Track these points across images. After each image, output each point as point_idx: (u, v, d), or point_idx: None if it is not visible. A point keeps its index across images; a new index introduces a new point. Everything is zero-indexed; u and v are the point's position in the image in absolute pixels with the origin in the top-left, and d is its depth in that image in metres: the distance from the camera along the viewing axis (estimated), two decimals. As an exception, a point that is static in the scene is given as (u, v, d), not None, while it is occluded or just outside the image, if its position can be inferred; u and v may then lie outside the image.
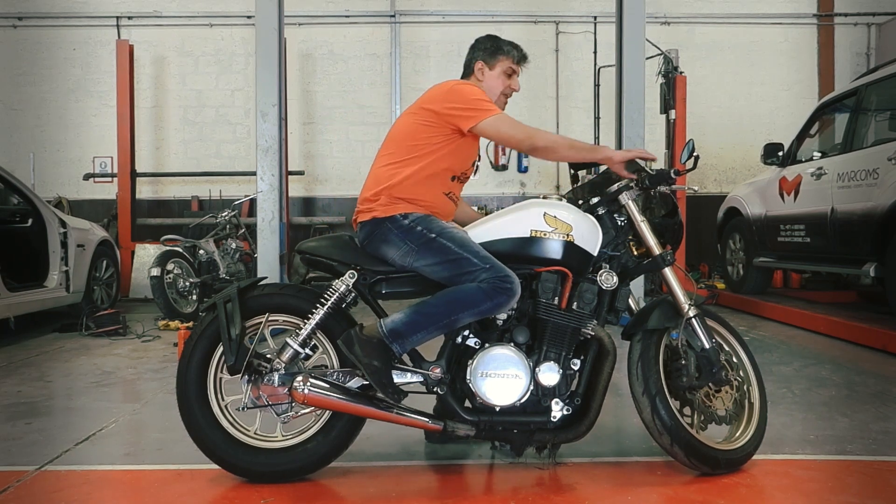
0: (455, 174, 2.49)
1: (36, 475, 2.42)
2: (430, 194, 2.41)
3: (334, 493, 2.27)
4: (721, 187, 9.24)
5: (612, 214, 2.48)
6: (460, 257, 2.26)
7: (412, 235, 2.32)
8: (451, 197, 2.51)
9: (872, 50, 9.53)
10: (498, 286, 2.21)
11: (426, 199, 2.40)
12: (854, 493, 2.23)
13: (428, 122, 2.40)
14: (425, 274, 2.33)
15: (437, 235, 2.30)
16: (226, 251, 6.81)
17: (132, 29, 9.24)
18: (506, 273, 2.23)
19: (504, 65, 2.61)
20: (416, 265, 2.32)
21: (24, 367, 4.29)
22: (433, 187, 2.42)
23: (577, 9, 9.28)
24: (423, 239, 2.30)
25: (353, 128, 9.36)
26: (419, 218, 2.35)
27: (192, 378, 2.32)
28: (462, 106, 2.36)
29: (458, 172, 2.50)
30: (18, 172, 7.70)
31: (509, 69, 2.61)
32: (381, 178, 2.42)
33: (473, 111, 2.35)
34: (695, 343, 2.41)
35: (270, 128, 5.47)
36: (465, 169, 2.53)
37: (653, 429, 2.31)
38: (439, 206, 2.45)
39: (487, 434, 2.31)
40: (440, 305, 2.23)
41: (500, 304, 2.22)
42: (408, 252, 2.32)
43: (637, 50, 5.60)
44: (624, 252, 2.48)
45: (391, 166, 2.42)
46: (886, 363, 4.21)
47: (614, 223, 2.47)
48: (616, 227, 2.47)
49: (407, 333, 2.22)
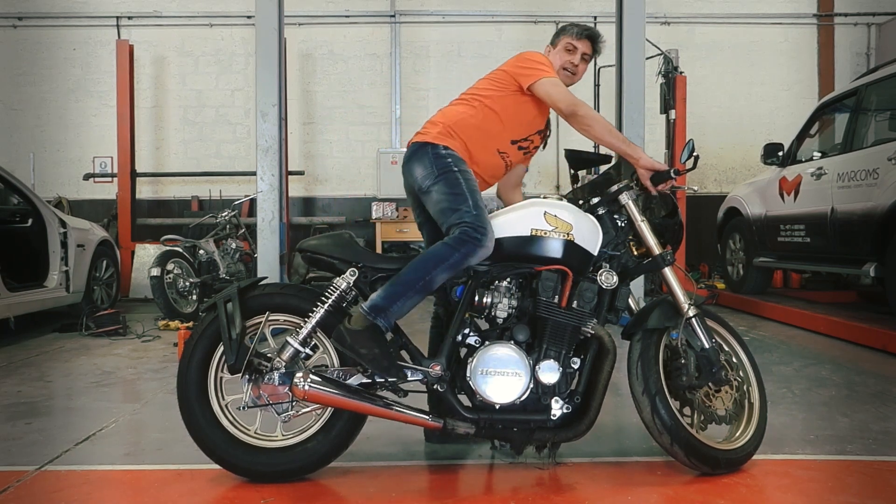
0: (515, 138, 2.62)
1: (36, 475, 2.42)
2: (479, 145, 2.57)
3: (335, 492, 2.27)
4: (721, 187, 9.24)
5: (612, 214, 2.48)
6: (461, 194, 2.38)
7: (440, 163, 2.47)
8: (505, 159, 2.64)
9: (872, 50, 9.53)
10: (467, 234, 2.27)
11: (473, 148, 2.56)
12: (854, 493, 2.23)
13: (496, 78, 2.65)
14: (429, 205, 2.47)
15: (458, 172, 2.45)
16: (226, 251, 6.81)
17: (132, 29, 9.24)
18: (482, 225, 2.29)
19: (564, 41, 2.79)
20: (429, 188, 2.45)
21: (24, 367, 4.29)
22: (486, 141, 2.58)
23: (577, 9, 9.28)
24: (446, 169, 2.45)
25: (353, 128, 9.36)
26: (454, 155, 2.50)
27: (193, 377, 2.32)
28: (525, 66, 2.59)
29: (518, 137, 2.63)
30: (18, 172, 7.71)
31: (569, 45, 2.78)
32: (447, 114, 2.64)
33: (533, 70, 2.56)
34: (694, 343, 2.42)
35: (270, 128, 5.46)
36: (526, 134, 2.65)
37: (653, 428, 2.31)
38: (484, 160, 2.60)
39: (487, 432, 2.31)
40: (411, 270, 2.29)
41: (467, 253, 2.26)
42: (428, 175, 2.47)
43: (637, 50, 5.60)
44: (624, 252, 2.48)
45: (457, 106, 2.65)
46: (886, 363, 4.21)
47: (614, 223, 2.48)
48: (616, 227, 2.47)
49: (387, 305, 2.26)
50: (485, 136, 2.57)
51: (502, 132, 2.60)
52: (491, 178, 2.71)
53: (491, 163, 2.62)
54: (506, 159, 2.64)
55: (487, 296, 2.34)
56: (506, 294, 2.35)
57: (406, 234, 8.67)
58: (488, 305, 2.34)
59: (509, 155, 2.64)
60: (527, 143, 2.67)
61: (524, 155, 2.71)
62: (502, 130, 2.59)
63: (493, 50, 9.26)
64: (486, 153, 2.59)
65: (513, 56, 2.69)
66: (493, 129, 2.58)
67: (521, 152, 2.68)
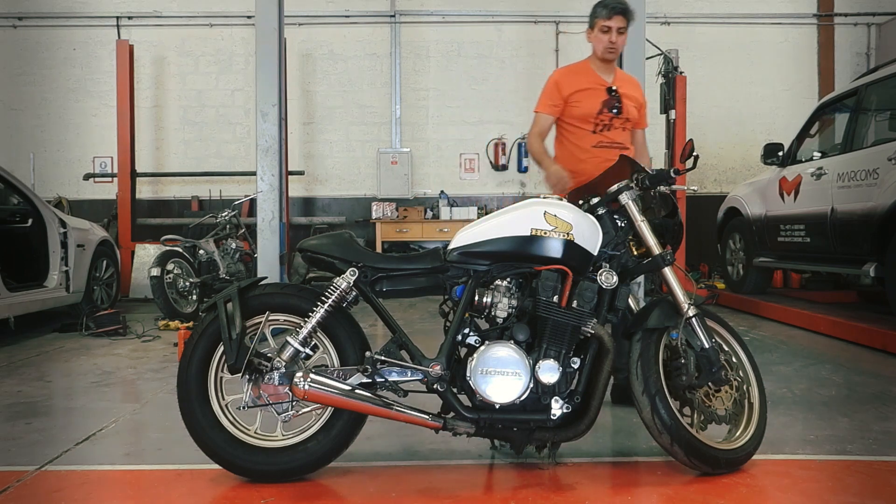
0: (581, 126, 3.20)
1: (36, 475, 2.42)
2: (560, 152, 3.32)
3: (335, 492, 2.27)
4: (721, 187, 9.24)
5: (612, 214, 2.49)
6: None
7: None
8: (599, 146, 3.18)
9: (872, 50, 9.53)
10: None
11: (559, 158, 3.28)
12: (854, 493, 2.23)
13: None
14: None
15: None
16: (226, 251, 6.81)
17: (132, 29, 9.24)
18: None
19: (598, 25, 3.19)
20: None
21: (24, 366, 4.29)
22: (562, 148, 3.31)
23: (577, 8, 9.26)
24: None
25: (354, 128, 9.36)
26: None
27: (193, 377, 2.32)
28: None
29: (578, 121, 3.20)
30: (18, 172, 7.69)
31: (603, 27, 3.17)
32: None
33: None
34: (694, 343, 2.42)
35: (270, 128, 5.46)
36: (585, 115, 3.17)
37: (653, 428, 2.31)
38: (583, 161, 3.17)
39: (487, 432, 2.31)
40: None
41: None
42: None
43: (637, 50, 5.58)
44: (624, 252, 2.48)
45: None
46: (886, 363, 4.21)
47: (614, 223, 2.48)
48: (616, 227, 2.47)
49: None
50: (559, 149, 3.37)
51: (568, 131, 3.30)
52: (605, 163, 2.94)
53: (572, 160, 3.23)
54: (600, 146, 3.20)
55: (487, 295, 2.34)
56: (506, 294, 2.35)
57: (406, 234, 8.67)
58: (488, 305, 2.34)
59: (601, 141, 3.20)
60: (597, 118, 3.18)
61: (607, 128, 3.20)
62: (565, 128, 3.31)
63: (493, 50, 9.26)
64: (564, 154, 3.30)
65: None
66: (560, 140, 3.36)
67: (606, 129, 3.20)
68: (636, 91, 3.34)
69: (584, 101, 3.19)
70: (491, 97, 9.29)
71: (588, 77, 3.25)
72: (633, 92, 3.31)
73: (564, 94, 3.21)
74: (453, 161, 9.32)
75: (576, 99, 3.19)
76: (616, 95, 3.20)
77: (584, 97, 3.19)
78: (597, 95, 3.19)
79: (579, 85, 3.21)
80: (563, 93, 3.21)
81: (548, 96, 3.26)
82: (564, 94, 3.21)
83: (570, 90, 3.20)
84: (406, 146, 9.19)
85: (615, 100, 3.20)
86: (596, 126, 3.18)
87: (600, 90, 3.20)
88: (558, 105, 3.23)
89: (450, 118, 9.31)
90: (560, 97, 3.22)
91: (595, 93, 3.20)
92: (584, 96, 3.19)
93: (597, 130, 3.18)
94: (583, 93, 3.19)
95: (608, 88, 3.21)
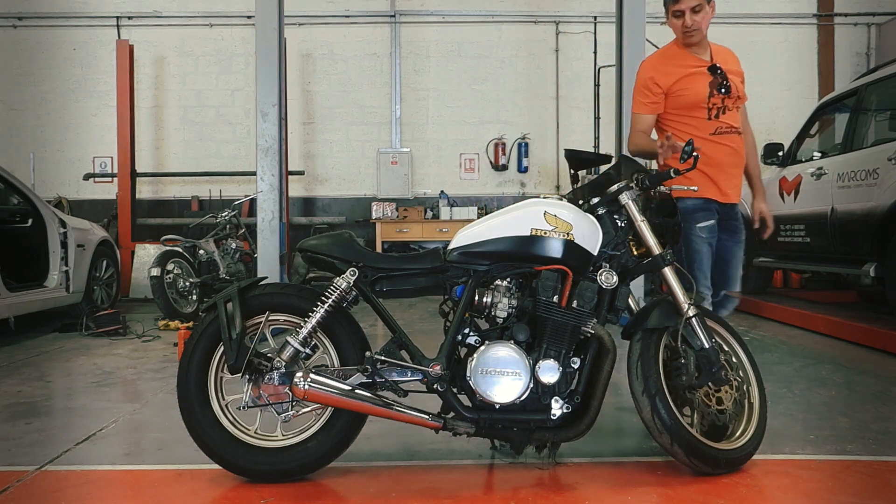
0: (694, 114, 2.88)
1: (36, 475, 2.42)
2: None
3: (335, 492, 2.27)
4: (721, 187, 9.22)
5: (612, 214, 2.48)
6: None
7: None
8: (718, 133, 2.87)
9: (872, 50, 9.52)
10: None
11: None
12: (854, 492, 2.23)
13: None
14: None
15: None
16: (226, 251, 6.81)
17: (132, 29, 9.23)
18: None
19: (670, 10, 2.92)
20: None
21: (24, 366, 4.29)
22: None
23: (577, 9, 9.27)
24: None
25: (353, 128, 9.36)
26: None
27: (193, 377, 2.32)
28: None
29: (689, 110, 2.89)
30: (18, 172, 7.71)
31: (675, 11, 2.89)
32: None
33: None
34: (694, 343, 2.42)
35: (270, 128, 5.46)
36: (695, 102, 2.86)
37: (653, 428, 2.31)
38: (706, 152, 2.80)
39: (487, 432, 2.31)
40: None
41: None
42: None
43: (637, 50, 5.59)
44: (624, 252, 2.48)
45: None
46: (886, 363, 4.21)
47: (614, 223, 2.48)
48: (616, 227, 2.47)
49: None
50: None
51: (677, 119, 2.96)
52: (730, 151, 2.92)
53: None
54: (718, 133, 2.90)
55: (487, 295, 2.34)
56: (506, 294, 2.35)
57: (406, 234, 8.68)
58: (488, 305, 2.34)
59: (718, 127, 2.90)
60: (709, 102, 2.87)
61: (722, 112, 2.89)
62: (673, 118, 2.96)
63: (493, 50, 9.26)
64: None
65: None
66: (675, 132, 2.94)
67: (720, 113, 2.90)
68: (735, 63, 3.03)
69: (691, 88, 2.87)
70: (491, 97, 9.29)
71: (684, 60, 2.93)
72: (733, 65, 3.00)
73: (664, 86, 2.90)
74: (453, 161, 9.32)
75: (679, 88, 2.88)
76: (721, 73, 2.89)
77: (689, 83, 2.88)
78: (701, 78, 2.88)
79: (678, 72, 2.89)
80: (663, 85, 2.90)
81: (643, 94, 2.94)
82: (664, 87, 2.90)
83: (671, 80, 2.89)
84: (406, 146, 9.19)
85: (721, 77, 2.88)
86: (710, 112, 2.87)
87: (702, 71, 2.89)
88: (658, 101, 2.93)
89: (450, 118, 9.31)
90: (660, 91, 2.91)
91: (698, 75, 2.88)
92: (688, 83, 2.88)
93: (712, 116, 2.88)
94: (686, 79, 2.88)
95: (710, 67, 2.90)
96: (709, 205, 2.89)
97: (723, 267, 2.97)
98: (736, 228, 3.02)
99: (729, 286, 3.00)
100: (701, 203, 2.87)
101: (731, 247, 3.01)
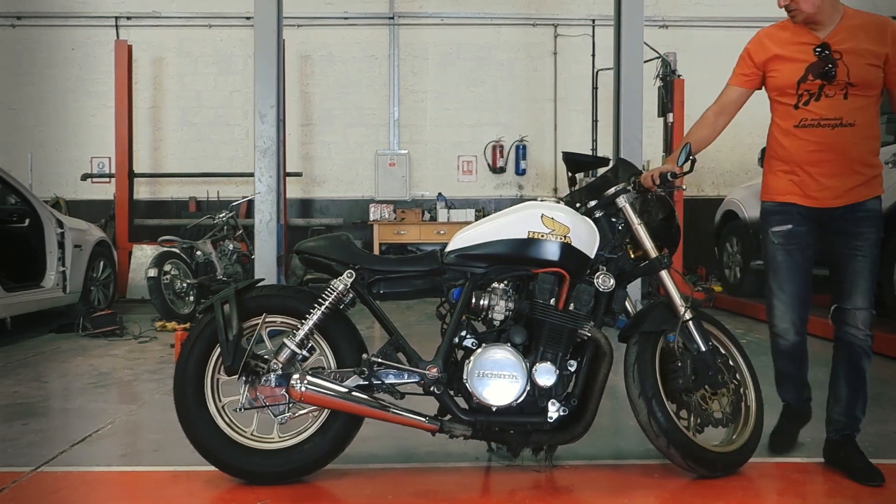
0: (781, 100, 2.51)
1: (32, 476, 2.42)
2: (770, 139, 2.62)
3: (331, 494, 2.27)
4: (718, 190, 9.25)
5: (609, 217, 2.49)
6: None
7: None
8: (802, 125, 2.45)
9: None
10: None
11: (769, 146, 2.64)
12: (850, 495, 2.23)
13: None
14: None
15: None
16: (223, 252, 6.80)
17: (131, 29, 9.23)
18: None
19: None
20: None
21: (20, 367, 4.28)
22: (770, 133, 2.61)
23: (575, 12, 9.29)
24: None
25: (352, 129, 9.36)
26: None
27: (190, 379, 2.32)
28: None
29: (778, 95, 2.52)
30: (16, 172, 7.65)
31: None
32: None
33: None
34: (691, 346, 2.42)
35: (269, 129, 5.47)
36: (783, 86, 2.48)
37: (649, 431, 2.32)
38: (786, 147, 2.52)
39: (484, 434, 2.32)
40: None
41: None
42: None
43: (635, 53, 5.62)
44: (621, 255, 2.48)
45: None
46: (883, 366, 4.21)
47: (612, 226, 2.48)
48: (613, 230, 2.48)
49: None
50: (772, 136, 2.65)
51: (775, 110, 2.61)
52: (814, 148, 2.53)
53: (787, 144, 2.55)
54: (803, 124, 2.49)
55: (484, 298, 2.34)
56: (503, 296, 2.35)
57: (403, 236, 8.68)
58: (485, 308, 2.34)
59: (804, 118, 2.47)
60: (798, 88, 2.46)
61: (814, 99, 2.45)
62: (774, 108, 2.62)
63: (492, 52, 9.27)
64: (775, 144, 2.62)
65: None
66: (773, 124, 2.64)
67: (811, 102, 2.46)
68: (875, 40, 2.40)
69: (782, 69, 2.48)
70: (489, 99, 9.30)
71: (794, 36, 2.49)
72: (869, 43, 2.39)
73: (758, 59, 2.54)
74: (451, 163, 9.33)
75: (773, 67, 2.51)
76: (827, 55, 2.40)
77: (783, 63, 2.49)
78: (801, 58, 2.45)
79: (776, 49, 2.50)
80: (757, 58, 2.55)
81: (738, 63, 2.63)
82: (758, 61, 2.54)
83: (767, 55, 2.52)
84: (404, 148, 9.20)
85: (826, 61, 2.40)
86: (799, 99, 2.45)
87: (806, 50, 2.44)
88: (749, 76, 2.59)
89: (448, 120, 9.32)
90: (752, 65, 2.57)
91: (800, 55, 2.46)
92: (783, 62, 2.49)
93: (800, 104, 2.45)
94: (783, 59, 2.49)
95: (817, 47, 2.42)
96: (786, 208, 2.53)
97: (836, 277, 2.62)
98: (850, 233, 2.50)
99: (842, 301, 2.63)
100: (776, 206, 2.56)
101: (844, 255, 2.54)
